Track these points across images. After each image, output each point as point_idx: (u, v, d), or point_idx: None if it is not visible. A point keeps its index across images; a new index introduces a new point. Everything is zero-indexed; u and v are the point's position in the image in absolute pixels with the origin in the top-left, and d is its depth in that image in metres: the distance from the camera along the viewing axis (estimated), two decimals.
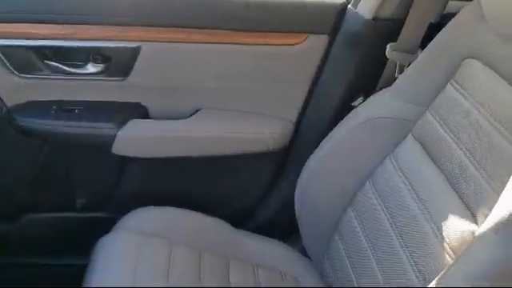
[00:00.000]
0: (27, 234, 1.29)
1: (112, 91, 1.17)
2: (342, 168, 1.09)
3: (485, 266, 0.64)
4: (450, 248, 0.76)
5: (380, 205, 0.98)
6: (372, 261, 0.95)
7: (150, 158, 1.19)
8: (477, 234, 0.69)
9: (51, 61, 1.11)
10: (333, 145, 1.10)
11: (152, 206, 1.17)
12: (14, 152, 1.18)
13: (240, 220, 1.25)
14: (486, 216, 0.71)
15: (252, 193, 1.28)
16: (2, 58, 1.10)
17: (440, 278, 0.69)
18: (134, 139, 1.16)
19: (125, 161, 1.21)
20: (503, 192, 0.69)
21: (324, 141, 1.12)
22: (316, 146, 1.12)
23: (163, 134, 1.17)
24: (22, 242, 1.30)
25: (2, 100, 1.12)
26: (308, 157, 1.13)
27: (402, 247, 0.87)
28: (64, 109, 1.15)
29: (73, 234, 1.28)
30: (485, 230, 0.68)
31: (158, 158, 1.19)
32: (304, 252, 1.24)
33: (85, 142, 1.15)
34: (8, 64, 1.10)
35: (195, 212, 1.20)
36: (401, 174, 0.96)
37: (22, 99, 1.14)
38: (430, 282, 0.71)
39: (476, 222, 0.76)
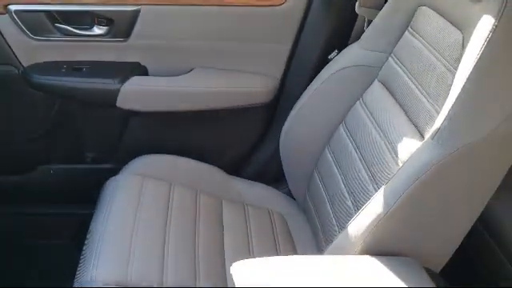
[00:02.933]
0: (41, 185, 1.43)
1: (115, 52, 1.31)
2: (319, 114, 1.23)
3: (423, 164, 0.77)
4: (401, 161, 0.90)
5: (351, 141, 1.12)
6: (343, 187, 1.09)
7: (150, 111, 1.33)
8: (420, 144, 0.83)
9: (61, 24, 1.27)
10: (311, 94, 1.24)
11: (153, 154, 1.32)
12: (29, 108, 1.33)
13: (232, 168, 1.39)
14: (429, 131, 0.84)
15: (243, 144, 1.42)
16: (19, 22, 1.25)
17: (388, 181, 0.83)
18: (136, 94, 1.30)
19: (128, 115, 1.35)
20: (441, 110, 0.83)
21: (304, 92, 1.26)
22: (299, 98, 1.27)
23: (161, 88, 1.31)
24: (36, 193, 1.44)
25: (18, 60, 1.28)
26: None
27: (365, 169, 1.01)
28: (73, 68, 1.30)
29: (82, 184, 1.42)
30: (425, 138, 0.82)
31: (157, 111, 1.33)
32: (289, 194, 1.39)
33: (92, 96, 1.29)
34: (24, 27, 1.25)
35: (192, 159, 1.35)
36: (368, 113, 1.10)
37: (36, 60, 1.29)
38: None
39: (423, 138, 0.90)
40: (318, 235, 1.20)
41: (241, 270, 0.75)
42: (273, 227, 1.25)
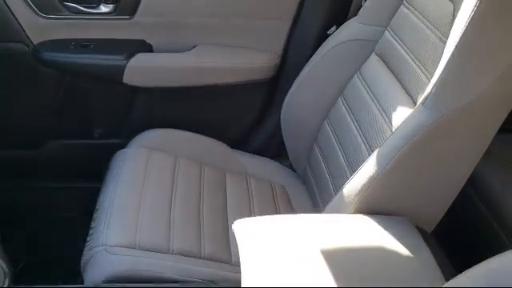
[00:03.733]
0: (52, 160, 1.48)
1: (121, 29, 1.35)
2: (319, 88, 1.27)
3: (414, 128, 0.82)
4: (395, 129, 0.94)
5: (349, 113, 1.16)
6: (341, 158, 1.14)
7: (155, 87, 1.38)
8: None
9: (69, 2, 1.31)
10: (310, 69, 1.28)
11: (159, 128, 1.37)
12: (40, 85, 1.38)
13: (236, 143, 1.44)
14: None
15: (246, 119, 1.46)
16: (29, 0, 1.29)
17: (380, 145, 0.87)
18: (141, 70, 1.35)
19: (134, 91, 1.39)
20: (432, 78, 0.87)
21: (304, 67, 1.30)
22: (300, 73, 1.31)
23: (166, 65, 1.35)
24: (47, 167, 1.49)
25: (29, 38, 1.32)
26: None
27: (362, 138, 1.06)
28: (81, 45, 1.34)
29: (91, 158, 1.47)
30: (416, 105, 0.86)
31: (162, 87, 1.38)
32: (291, 167, 1.44)
33: (99, 72, 1.34)
34: (33, 6, 1.30)
35: (196, 134, 1.40)
36: (365, 85, 1.14)
37: (45, 38, 1.34)
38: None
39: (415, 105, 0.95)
40: (317, 204, 1.25)
41: (242, 227, 0.80)
42: (274, 197, 1.30)
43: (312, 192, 1.30)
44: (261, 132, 1.47)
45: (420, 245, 0.79)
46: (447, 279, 0.69)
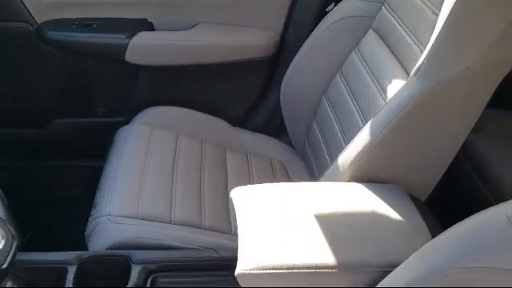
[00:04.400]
0: (56, 138, 1.51)
1: (123, 8, 1.38)
2: (318, 64, 1.29)
3: (406, 98, 0.84)
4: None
5: (346, 88, 1.18)
6: (338, 132, 1.16)
7: (157, 65, 1.40)
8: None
9: None
10: (309, 45, 1.30)
11: (161, 106, 1.40)
12: (43, 64, 1.40)
13: (236, 120, 1.47)
14: None
15: (246, 97, 1.47)
16: None
17: (374, 116, 0.89)
18: (143, 48, 1.37)
19: (136, 69, 1.42)
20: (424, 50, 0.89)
21: (303, 44, 1.32)
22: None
23: (167, 43, 1.38)
24: (52, 146, 1.52)
25: (32, 17, 1.35)
26: None
27: (358, 112, 1.08)
28: (84, 24, 1.37)
29: (95, 137, 1.49)
30: (409, 76, 0.88)
31: (163, 65, 1.40)
32: (290, 144, 1.46)
33: (102, 51, 1.37)
34: None
35: (197, 111, 1.43)
36: (362, 61, 1.16)
37: (48, 17, 1.36)
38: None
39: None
40: (315, 179, 1.27)
41: (239, 194, 0.83)
42: (273, 173, 1.33)
43: (310, 168, 1.32)
44: (261, 110, 1.49)
45: (411, 209, 0.81)
46: None
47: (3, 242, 0.76)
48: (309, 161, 1.33)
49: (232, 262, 0.80)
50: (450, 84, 0.82)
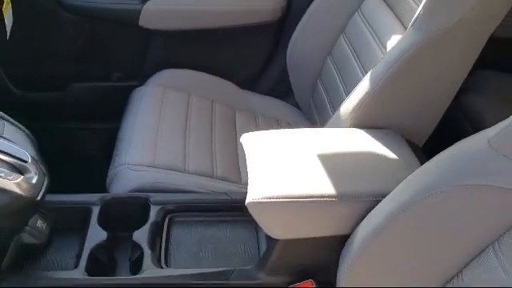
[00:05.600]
0: (75, 102, 1.59)
1: None
2: (322, 26, 1.35)
3: (403, 49, 0.90)
4: None
5: (350, 48, 1.25)
6: (342, 90, 1.23)
7: (169, 30, 1.47)
8: None
9: None
10: (314, 9, 1.36)
11: (173, 69, 1.47)
12: (62, 29, 1.48)
13: (245, 83, 1.53)
14: None
15: (255, 60, 1.54)
16: None
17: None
18: (156, 13, 1.44)
19: (150, 34, 1.48)
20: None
21: (309, 7, 1.38)
22: None
23: (179, 7, 1.44)
24: (69, 109, 1.59)
25: None
26: None
27: (361, 70, 1.14)
28: None
29: (111, 100, 1.57)
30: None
31: (175, 30, 1.47)
32: (297, 106, 1.53)
33: (116, 16, 1.44)
34: None
35: (208, 74, 1.50)
36: (365, 21, 1.22)
37: None
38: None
39: None
40: None
41: (249, 138, 0.90)
42: None
43: (316, 127, 1.39)
44: (268, 73, 1.56)
45: (406, 150, 0.88)
46: None
47: (36, 177, 0.84)
48: (314, 121, 1.40)
49: (242, 203, 0.89)
50: (445, 35, 0.89)
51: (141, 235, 0.93)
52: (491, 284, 0.63)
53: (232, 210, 1.02)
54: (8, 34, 1.31)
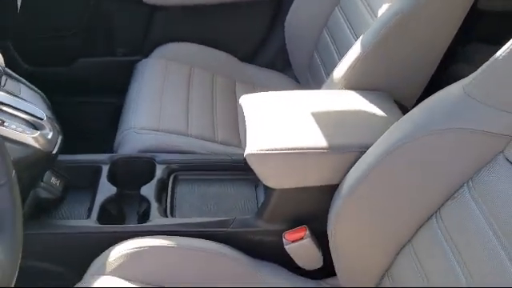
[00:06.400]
0: (80, 76, 1.65)
1: None
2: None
3: (392, 14, 0.96)
4: None
5: (344, 19, 1.30)
6: (337, 59, 1.28)
7: (172, 5, 1.53)
8: None
9: None
10: None
11: (175, 42, 1.53)
12: (68, 5, 1.54)
13: (245, 56, 1.59)
14: None
15: (254, 34, 1.60)
16: None
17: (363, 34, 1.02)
18: None
19: (153, 9, 1.54)
20: None
21: None
22: None
23: None
24: (75, 83, 1.65)
25: None
26: None
27: (354, 39, 1.20)
28: None
29: (116, 75, 1.62)
30: None
31: (177, 5, 1.52)
32: (295, 79, 1.59)
33: None
34: None
35: (209, 47, 1.56)
36: None
37: None
38: None
39: None
40: None
41: (247, 98, 0.97)
42: None
43: None
44: (268, 46, 1.62)
45: (394, 109, 0.95)
46: None
47: (51, 133, 0.91)
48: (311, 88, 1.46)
49: (242, 163, 0.96)
50: (430, 1, 0.95)
51: (148, 190, 1.01)
52: (464, 219, 0.70)
53: (233, 169, 1.09)
54: (18, 8, 1.38)
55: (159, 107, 1.27)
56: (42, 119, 0.91)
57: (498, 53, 0.66)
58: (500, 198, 0.67)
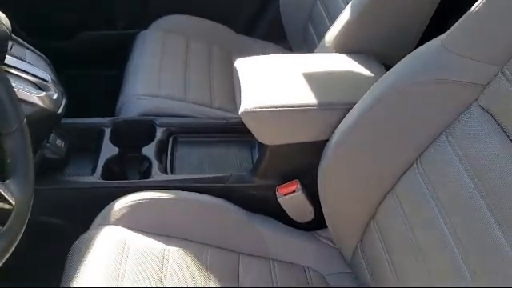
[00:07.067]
0: (82, 49, 1.70)
1: None
2: None
3: None
4: None
5: None
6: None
7: None
8: None
9: None
10: None
11: (173, 15, 1.57)
12: None
13: (241, 29, 1.64)
14: None
15: (249, 6, 1.64)
16: None
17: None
18: None
19: None
20: None
21: None
22: None
23: None
24: (77, 56, 1.70)
25: None
26: None
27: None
28: None
29: (116, 47, 1.66)
30: None
31: None
32: (291, 50, 1.63)
33: None
34: None
35: (206, 19, 1.60)
36: None
37: None
38: None
39: None
40: None
41: (242, 62, 1.01)
42: None
43: None
44: (263, 18, 1.66)
45: (381, 70, 0.99)
46: None
47: (56, 95, 0.96)
48: None
49: (238, 125, 1.00)
50: None
51: (149, 150, 1.06)
52: (443, 166, 0.75)
53: (229, 131, 1.14)
54: None
55: (158, 75, 1.32)
56: (47, 81, 0.96)
57: (472, 7, 0.71)
58: (475, 143, 0.72)
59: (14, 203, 0.63)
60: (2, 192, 0.62)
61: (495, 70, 0.69)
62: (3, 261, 0.60)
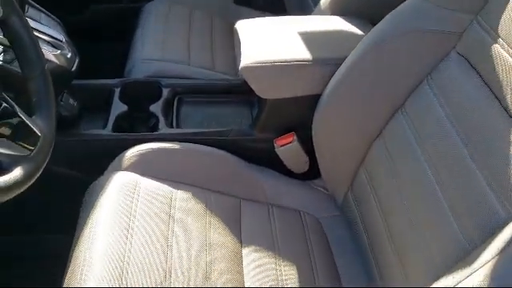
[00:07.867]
0: (92, 22, 1.77)
1: None
2: None
3: None
4: None
5: None
6: None
7: None
8: None
9: None
10: None
11: None
12: None
13: (241, 1, 1.71)
14: None
15: None
16: None
17: None
18: None
19: None
20: None
21: None
22: None
23: None
24: (88, 29, 1.76)
25: None
26: None
27: None
28: None
29: (124, 20, 1.71)
30: None
31: None
32: None
33: None
34: None
35: None
36: None
37: None
38: None
39: None
40: None
41: (242, 23, 1.09)
42: None
43: None
44: None
45: (370, 28, 1.06)
46: None
47: (70, 54, 1.03)
48: None
49: (240, 86, 1.07)
50: None
51: (156, 107, 1.14)
52: (425, 111, 0.82)
53: (231, 92, 1.21)
54: None
55: (163, 41, 1.40)
56: (61, 41, 1.03)
57: None
58: (454, 87, 0.79)
59: (39, 134, 0.71)
60: (30, 124, 0.70)
61: (470, 18, 0.76)
62: (32, 181, 0.68)
